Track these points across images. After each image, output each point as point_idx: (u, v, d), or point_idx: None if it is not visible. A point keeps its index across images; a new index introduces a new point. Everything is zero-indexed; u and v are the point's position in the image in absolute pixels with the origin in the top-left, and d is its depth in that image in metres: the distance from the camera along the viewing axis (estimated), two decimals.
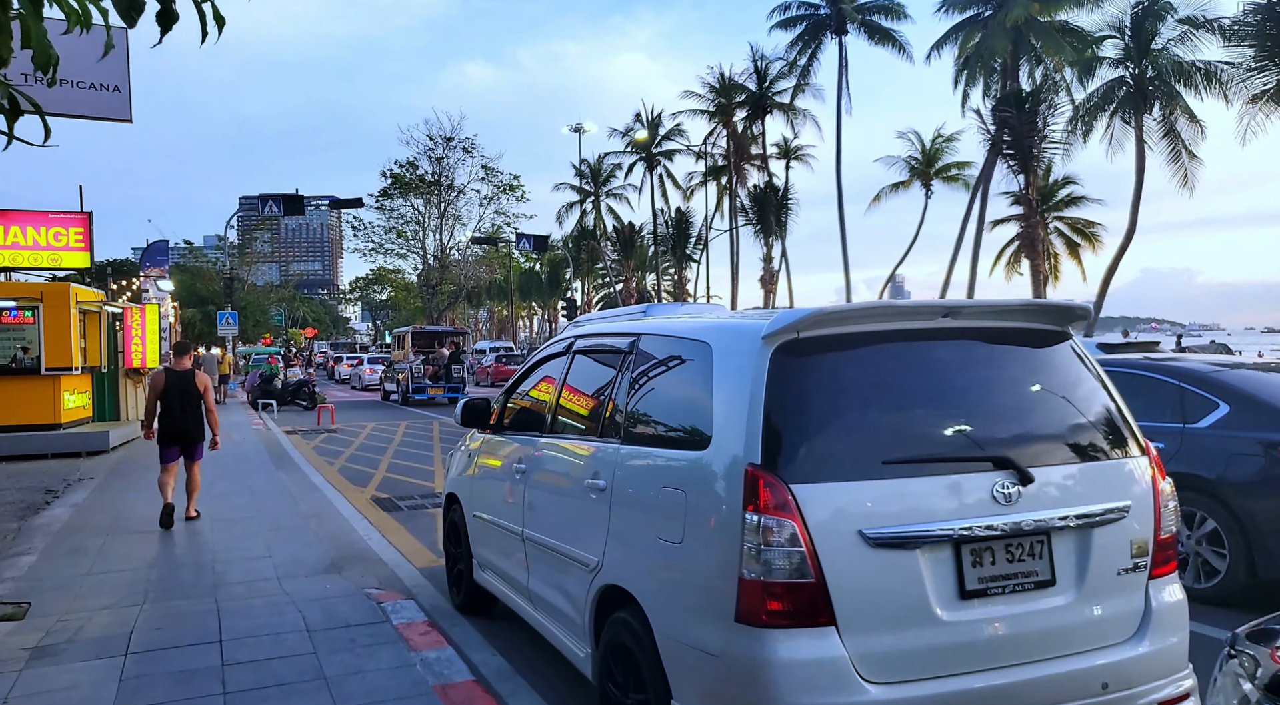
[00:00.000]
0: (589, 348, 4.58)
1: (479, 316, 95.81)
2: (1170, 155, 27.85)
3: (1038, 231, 27.63)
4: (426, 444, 16.27)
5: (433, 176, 63.11)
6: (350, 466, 13.31)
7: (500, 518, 5.02)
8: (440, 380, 26.47)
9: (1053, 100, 27.69)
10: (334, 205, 31.92)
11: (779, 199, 39.05)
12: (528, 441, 4.79)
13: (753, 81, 42.64)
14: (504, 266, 71.80)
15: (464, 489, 5.91)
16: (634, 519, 3.42)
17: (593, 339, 4.59)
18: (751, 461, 2.81)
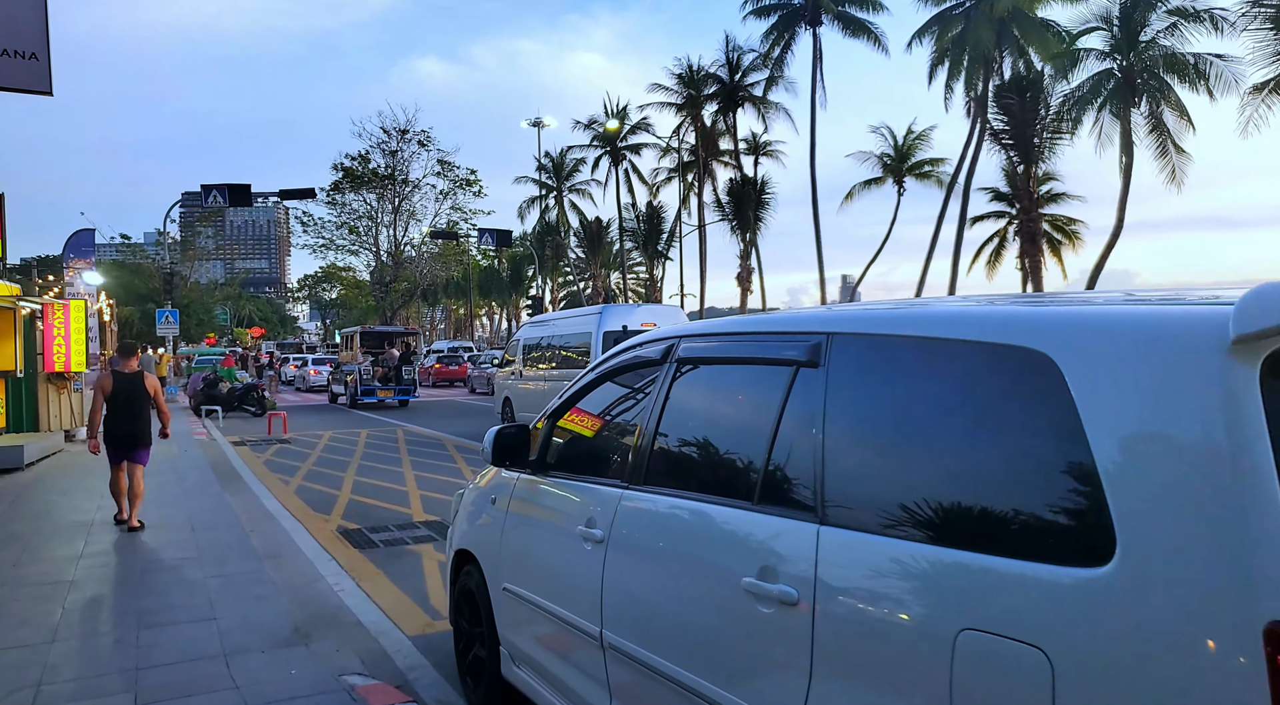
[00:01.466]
0: (711, 355, 3.01)
1: (436, 316, 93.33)
2: (1158, 150, 27.17)
3: (1038, 225, 26.73)
4: (393, 456, 14.57)
5: (386, 170, 60.98)
6: (309, 486, 11.58)
7: (554, 601, 3.42)
8: (390, 382, 25.63)
9: (1051, 89, 26.73)
10: (284, 196, 29.86)
11: (757, 193, 37.79)
12: (601, 493, 3.23)
13: (723, 73, 41.34)
14: (461, 264, 69.74)
15: (486, 547, 4.24)
16: (864, 689, 1.95)
17: (717, 342, 3.01)
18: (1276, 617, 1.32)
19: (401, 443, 16.73)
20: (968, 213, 34.23)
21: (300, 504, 10.22)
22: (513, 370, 18.21)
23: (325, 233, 66.00)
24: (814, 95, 37.57)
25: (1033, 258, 27.29)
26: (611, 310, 15.10)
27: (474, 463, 13.51)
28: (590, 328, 14.88)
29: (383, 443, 16.71)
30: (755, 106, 41.05)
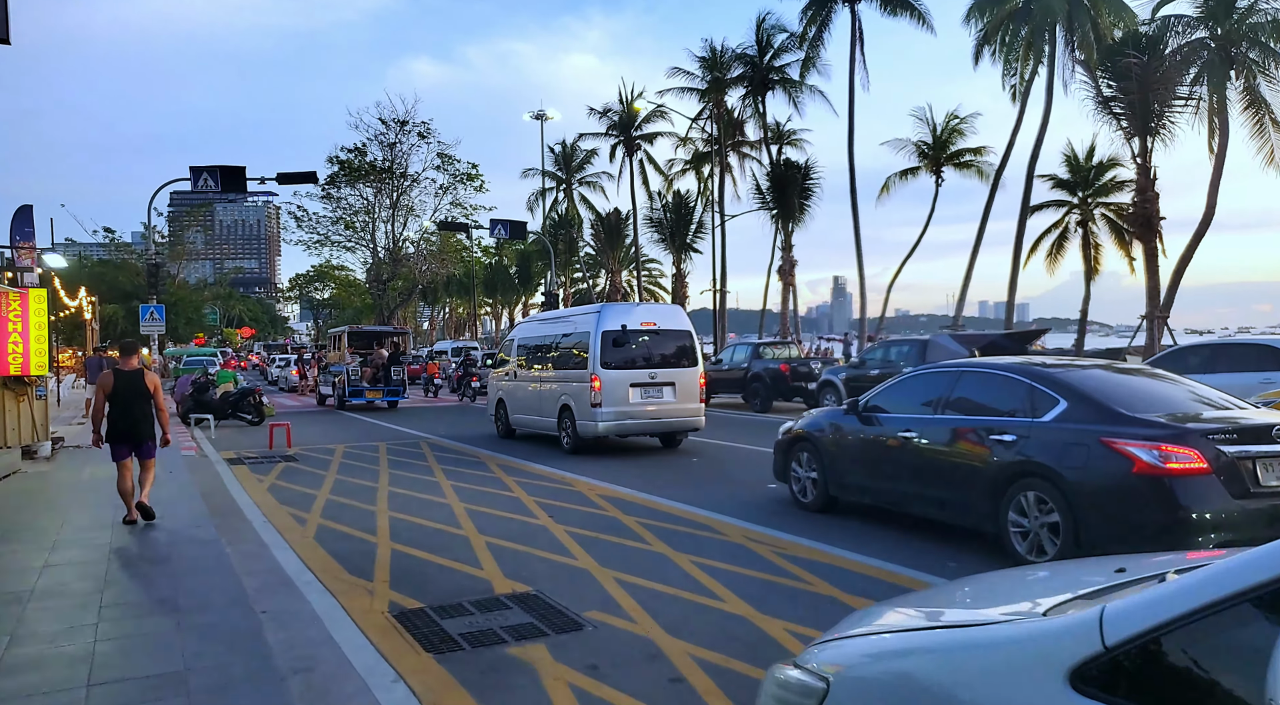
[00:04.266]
0: None
1: (437, 315, 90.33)
2: (1255, 128, 24.57)
3: (1153, 207, 24.08)
4: (429, 480, 11.78)
5: (384, 163, 58.13)
6: (334, 528, 8.78)
7: None
8: (379, 383, 25.07)
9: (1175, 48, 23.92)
10: (282, 180, 26.94)
11: (802, 178, 35.00)
12: None
13: (752, 53, 38.56)
14: (462, 261, 66.85)
15: None
16: None
17: None
18: None
19: (430, 459, 13.93)
20: (1030, 200, 31.54)
21: (326, 560, 7.42)
22: (507, 371, 17.14)
23: (320, 228, 63.25)
24: (852, 78, 34.85)
25: (1149, 245, 24.53)
26: (610, 309, 14.33)
27: (533, 489, 10.75)
28: (589, 327, 14.05)
29: (408, 457, 13.91)
30: (787, 90, 38.27)
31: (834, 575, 6.58)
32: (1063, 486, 6.17)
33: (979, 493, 6.84)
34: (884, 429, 7.99)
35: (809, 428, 9.02)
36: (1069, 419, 6.37)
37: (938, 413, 7.48)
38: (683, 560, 7.12)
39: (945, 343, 17.52)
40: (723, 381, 23.45)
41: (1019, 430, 6.61)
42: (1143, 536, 5.76)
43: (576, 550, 7.53)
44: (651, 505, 9.60)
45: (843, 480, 8.49)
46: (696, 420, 14.28)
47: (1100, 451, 6.00)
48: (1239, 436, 5.83)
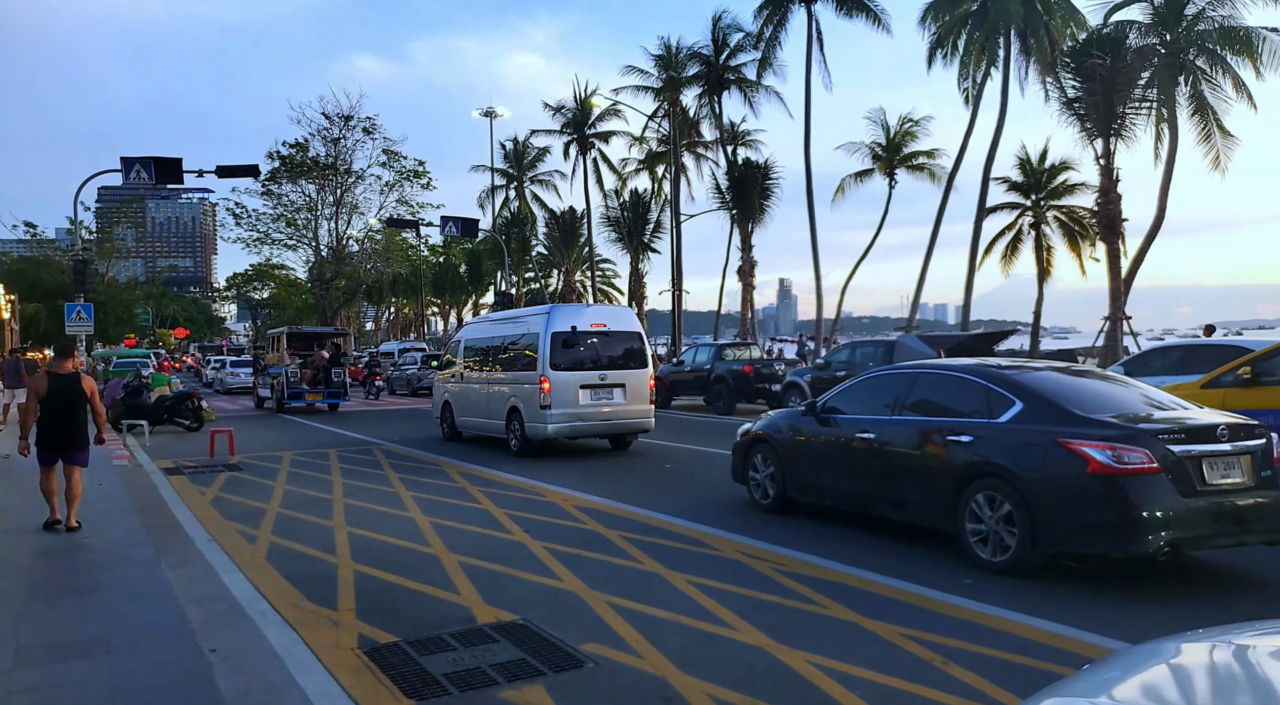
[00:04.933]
0: None
1: (382, 315, 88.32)
2: (1201, 134, 24.94)
3: (1116, 209, 24.21)
4: (384, 487, 11.02)
5: (328, 159, 56.56)
6: (288, 546, 8.00)
7: None
8: (319, 385, 24.66)
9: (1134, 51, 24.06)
10: (222, 174, 25.67)
11: (762, 178, 34.67)
12: None
13: (708, 53, 38.19)
14: (408, 259, 65.36)
15: None
16: None
17: None
18: None
19: (386, 465, 13.13)
20: (986, 202, 31.69)
21: (282, 584, 6.68)
22: (453, 372, 16.83)
23: (260, 226, 61.35)
24: (808, 78, 34.62)
25: (1112, 246, 24.64)
26: (560, 310, 14.29)
27: (501, 500, 10.08)
28: (538, 328, 13.88)
29: (362, 465, 13.09)
30: (743, 90, 37.97)
31: (844, 595, 6.07)
32: (1019, 486, 6.25)
33: (936, 493, 6.89)
34: (841, 430, 8.01)
35: (767, 429, 9.02)
36: (1025, 420, 6.46)
37: (895, 414, 7.52)
38: (678, 580, 6.55)
39: (913, 344, 17.29)
40: (685, 383, 23.00)
41: (976, 431, 6.70)
42: (1096, 535, 6.02)
43: (560, 570, 6.91)
44: (632, 517, 9.01)
45: (800, 481, 8.51)
46: (647, 422, 14.23)
47: (1056, 452, 6.11)
48: (1186, 436, 5.99)
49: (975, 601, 5.87)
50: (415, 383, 32.58)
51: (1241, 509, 5.99)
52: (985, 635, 5.20)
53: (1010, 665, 4.71)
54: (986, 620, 5.49)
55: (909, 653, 4.94)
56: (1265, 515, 6.07)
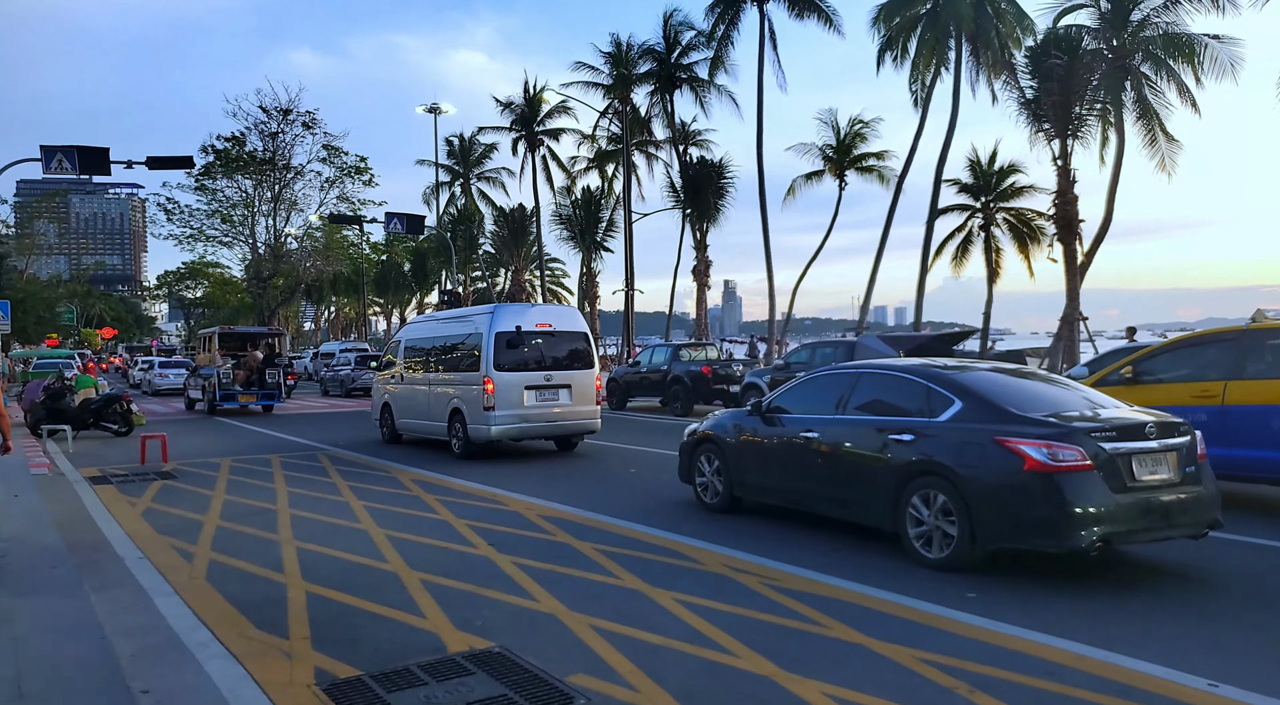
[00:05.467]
0: None
1: (322, 314, 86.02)
2: (1147, 138, 25.36)
3: (1074, 210, 24.38)
4: (331, 495, 10.31)
5: (265, 154, 54.85)
6: (230, 565, 7.30)
7: None
8: (253, 386, 24.16)
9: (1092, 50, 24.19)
10: (153, 165, 24.42)
11: (717, 177, 34.31)
12: None
13: (660, 51, 37.77)
14: (349, 258, 63.71)
15: None
16: None
17: None
18: None
19: (332, 471, 12.38)
20: (938, 204, 31.88)
21: (225, 609, 6.01)
22: (393, 373, 16.49)
23: (194, 222, 59.25)
24: (761, 78, 34.42)
25: (1069, 246, 24.82)
26: (504, 309, 14.09)
27: (460, 509, 9.48)
28: (482, 328, 13.69)
29: (306, 471, 12.31)
30: (694, 89, 37.66)
31: (844, 613, 5.65)
32: (959, 484, 6.40)
33: (878, 491, 7.02)
34: (786, 429, 8.14)
35: (714, 429, 9.13)
36: (964, 419, 6.63)
37: (838, 413, 7.67)
38: (663, 598, 6.06)
39: (874, 345, 17.10)
40: (641, 384, 22.56)
41: (916, 430, 6.84)
42: (1033, 531, 6.16)
43: (534, 588, 6.36)
44: (603, 526, 8.50)
45: (746, 481, 8.63)
46: (593, 423, 14.16)
47: (994, 450, 6.27)
48: (1118, 434, 6.21)
49: (985, 618, 5.50)
50: (349, 383, 31.97)
51: (1168, 504, 6.23)
52: (1006, 658, 4.82)
53: (1043, 695, 4.33)
54: (1002, 640, 5.11)
55: (930, 681, 4.53)
56: (1189, 509, 6.32)
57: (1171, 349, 9.75)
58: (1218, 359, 8.93)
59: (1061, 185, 24.60)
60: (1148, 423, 6.37)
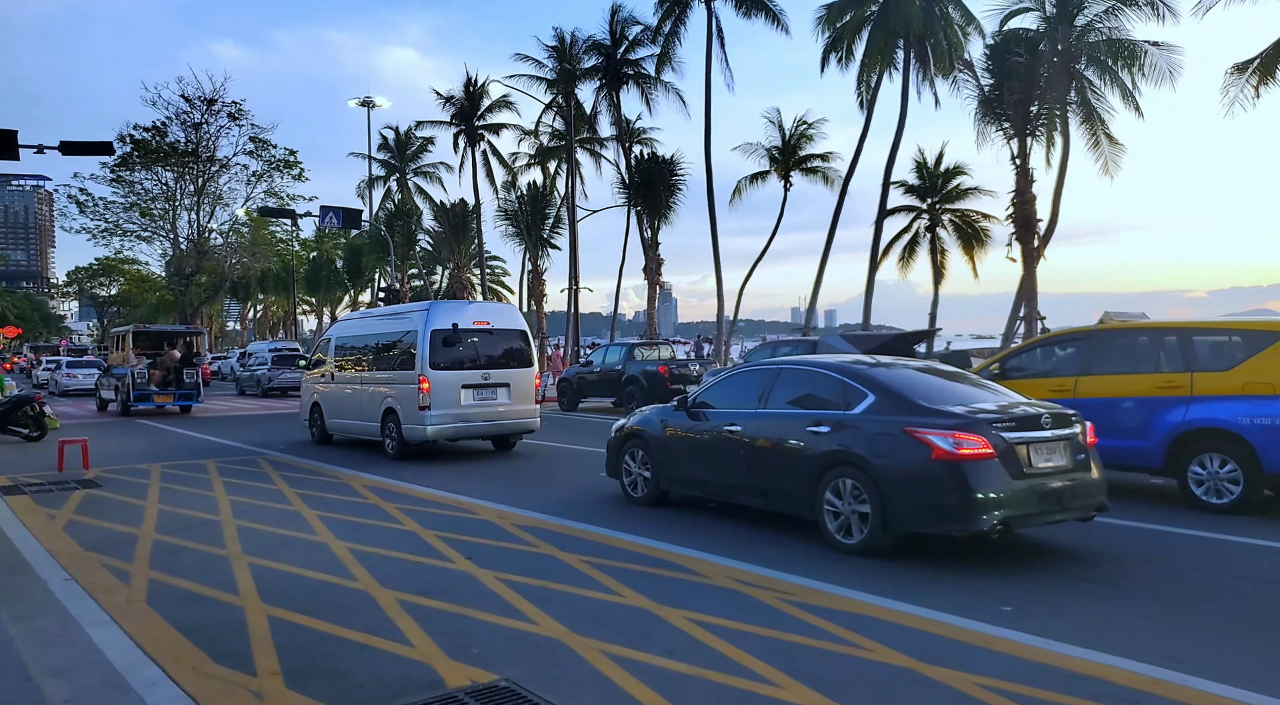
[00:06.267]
0: None
1: (249, 313, 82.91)
2: (1091, 141, 25.79)
3: (1031, 209, 24.49)
4: (279, 504, 9.46)
5: (188, 146, 52.54)
6: (174, 585, 6.46)
7: None
8: (170, 386, 23.53)
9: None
10: (67, 151, 22.82)
11: (669, 173, 33.75)
12: None
13: (602, 47, 37.15)
14: (278, 254, 61.51)
15: None
16: None
17: None
18: None
19: (276, 477, 11.47)
20: (886, 205, 31.97)
21: (175, 639, 5.22)
22: (323, 372, 16.04)
23: (109, 215, 56.48)
24: (708, 76, 34.09)
25: (1027, 245, 24.95)
26: (440, 306, 13.86)
27: (426, 519, 8.75)
28: (416, 326, 13.38)
29: (246, 477, 11.37)
30: (640, 86, 37.13)
31: (878, 631, 5.17)
32: (872, 473, 6.74)
33: (798, 481, 7.31)
34: (711, 424, 8.38)
35: (641, 425, 9.31)
36: (877, 411, 6.95)
37: (761, 407, 7.95)
38: (674, 617, 5.49)
39: (837, 343, 16.83)
40: (595, 385, 21.96)
41: (833, 422, 7.17)
42: (939, 516, 6.49)
43: (528, 608, 5.72)
44: (587, 536, 7.88)
45: (673, 474, 8.85)
46: (532, 422, 14.02)
47: (904, 440, 6.61)
48: (1016, 425, 6.61)
49: (1032, 636, 5.08)
50: (266, 383, 31.23)
51: (1061, 489, 6.69)
52: (1079, 684, 4.38)
53: None
54: (1063, 661, 4.68)
55: None
56: (1080, 494, 6.81)
57: (1034, 347, 10.76)
58: (1071, 357, 9.95)
59: (1020, 184, 24.83)
60: (1043, 414, 6.78)
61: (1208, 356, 8.92)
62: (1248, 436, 8.28)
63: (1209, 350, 8.98)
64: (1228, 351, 8.82)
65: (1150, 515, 8.53)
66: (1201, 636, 5.16)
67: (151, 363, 23.98)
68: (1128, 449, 8.99)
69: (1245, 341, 8.64)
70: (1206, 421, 8.57)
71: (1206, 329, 9.25)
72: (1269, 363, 8.34)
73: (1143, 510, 8.76)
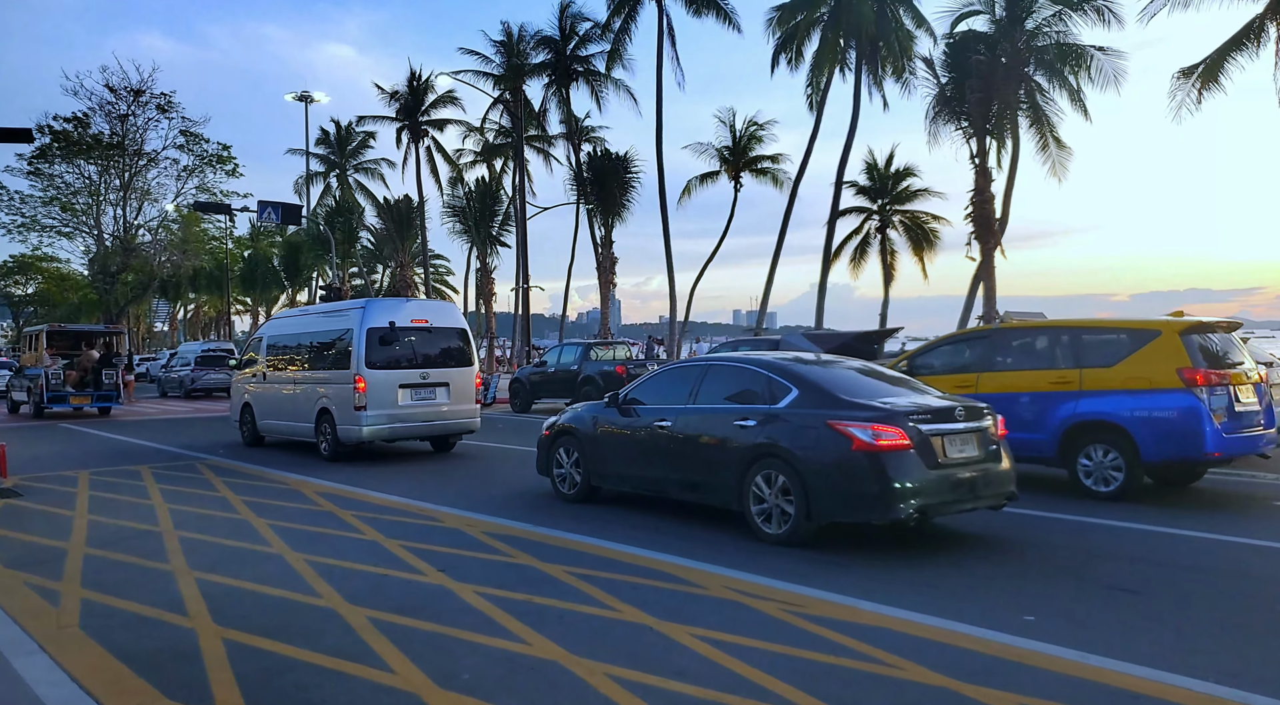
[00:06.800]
0: None
1: (179, 313, 79.81)
2: (1039, 144, 26.10)
3: (991, 208, 24.56)
4: (225, 513, 8.74)
5: (113, 138, 50.37)
6: (112, 605, 5.77)
7: None
8: (88, 387, 22.91)
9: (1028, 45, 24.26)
10: None
11: (623, 170, 33.19)
12: None
13: (551, 41, 36.53)
14: (209, 252, 59.32)
15: None
16: None
17: None
18: None
19: (219, 484, 10.68)
20: (839, 206, 31.98)
21: (115, 669, 4.58)
22: (254, 372, 15.66)
23: (26, 210, 53.87)
24: (660, 74, 33.72)
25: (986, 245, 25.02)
26: (376, 304, 13.63)
27: (387, 528, 8.14)
28: (351, 324, 13.13)
29: (184, 484, 10.57)
30: (590, 83, 36.60)
31: (903, 646, 4.79)
32: (795, 464, 6.94)
33: (725, 474, 7.49)
34: (642, 420, 8.48)
35: (572, 422, 9.38)
36: (801, 405, 7.17)
37: (689, 403, 8.09)
38: (678, 634, 5.04)
39: (799, 342, 16.64)
40: (550, 384, 21.41)
41: (759, 416, 7.37)
42: (860, 505, 6.73)
43: (516, 626, 5.21)
44: (566, 544, 7.37)
45: (604, 471, 8.93)
46: (472, 422, 13.83)
47: (826, 433, 6.83)
48: (932, 417, 6.89)
49: (1067, 649, 4.74)
50: (189, 384, 30.55)
51: (974, 479, 6.96)
52: (1128, 702, 4.05)
53: None
54: (1108, 677, 4.35)
55: None
56: (991, 483, 7.09)
57: (941, 345, 11.25)
58: (974, 354, 10.48)
59: (979, 183, 24.97)
60: (957, 407, 7.08)
61: (1096, 353, 9.40)
62: (1128, 428, 8.82)
63: (1098, 347, 9.45)
64: (1114, 348, 9.28)
65: (1047, 504, 8.82)
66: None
67: (68, 363, 23.29)
68: (1025, 441, 9.28)
69: (1130, 339, 9.14)
70: (1092, 414, 9.09)
71: (1096, 328, 9.72)
72: (1147, 358, 8.89)
73: (1038, 500, 8.81)
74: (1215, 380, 8.65)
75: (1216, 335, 9.21)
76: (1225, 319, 9.66)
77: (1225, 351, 9.13)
